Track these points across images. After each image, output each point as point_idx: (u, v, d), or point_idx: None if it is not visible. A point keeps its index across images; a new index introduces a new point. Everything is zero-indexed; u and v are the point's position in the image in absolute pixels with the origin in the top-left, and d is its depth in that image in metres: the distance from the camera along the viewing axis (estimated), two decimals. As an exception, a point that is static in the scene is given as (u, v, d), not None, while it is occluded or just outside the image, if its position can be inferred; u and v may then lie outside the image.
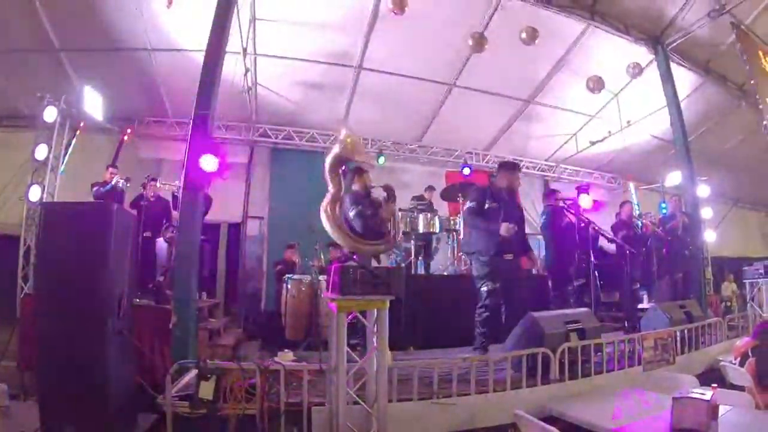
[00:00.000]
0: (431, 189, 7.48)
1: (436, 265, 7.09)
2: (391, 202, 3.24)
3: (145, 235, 5.74)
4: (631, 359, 3.92)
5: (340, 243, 2.92)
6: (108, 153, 6.88)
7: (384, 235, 2.98)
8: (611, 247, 5.98)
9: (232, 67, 5.92)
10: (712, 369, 4.27)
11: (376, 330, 2.65)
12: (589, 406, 3.02)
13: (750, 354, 3.39)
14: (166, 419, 2.64)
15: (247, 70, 6.60)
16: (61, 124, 5.85)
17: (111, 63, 6.66)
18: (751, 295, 7.38)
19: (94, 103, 6.06)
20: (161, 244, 6.08)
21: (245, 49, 6.25)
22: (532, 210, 9.27)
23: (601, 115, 8.84)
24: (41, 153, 5.63)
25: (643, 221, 6.69)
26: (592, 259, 5.03)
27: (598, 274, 5.17)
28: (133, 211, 5.68)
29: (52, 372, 2.58)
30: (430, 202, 7.17)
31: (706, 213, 7.26)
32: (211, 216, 6.05)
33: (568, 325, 3.68)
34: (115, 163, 6.40)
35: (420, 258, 6.60)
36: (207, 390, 2.67)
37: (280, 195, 8.42)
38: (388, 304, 2.63)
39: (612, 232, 5.92)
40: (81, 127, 6.36)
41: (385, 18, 6.34)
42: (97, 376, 2.57)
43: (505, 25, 6.47)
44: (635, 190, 10.40)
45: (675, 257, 6.54)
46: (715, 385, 2.45)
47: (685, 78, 7.76)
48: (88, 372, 2.56)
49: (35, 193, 5.54)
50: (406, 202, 6.64)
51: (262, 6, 6.20)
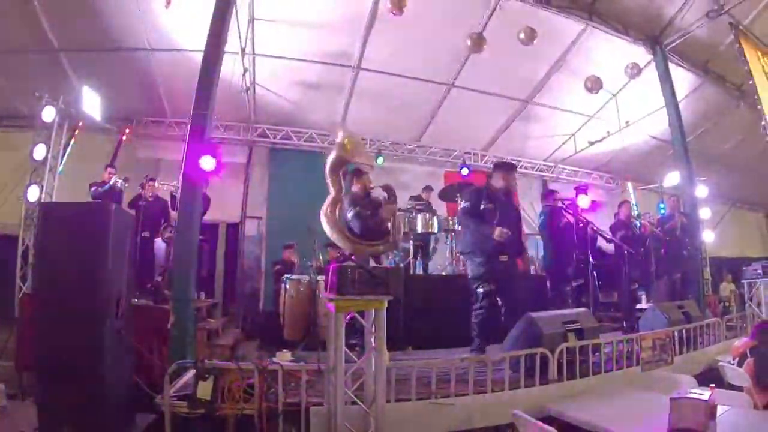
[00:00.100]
0: (429, 189, 7.49)
1: (434, 266, 7.08)
2: (391, 202, 3.24)
3: (143, 235, 5.76)
4: (629, 359, 3.90)
5: (339, 245, 2.91)
6: (106, 153, 6.90)
7: (384, 235, 2.96)
8: (610, 247, 5.97)
9: (230, 67, 5.93)
10: (710, 369, 4.25)
11: (374, 330, 2.65)
12: (587, 406, 3.02)
13: (748, 354, 3.39)
14: (165, 419, 2.63)
15: (245, 70, 6.60)
16: (59, 124, 5.82)
17: (109, 63, 6.65)
18: (749, 295, 7.39)
19: (92, 103, 6.06)
20: (160, 244, 6.10)
21: (244, 49, 6.26)
22: (531, 210, 9.30)
23: (600, 115, 8.86)
24: (39, 153, 5.60)
25: (642, 221, 6.67)
26: (591, 259, 5.02)
27: (596, 274, 5.18)
28: (132, 211, 5.68)
29: (51, 372, 2.58)
30: (428, 202, 7.18)
31: (705, 213, 7.26)
32: (210, 216, 6.06)
33: (567, 326, 3.66)
34: (114, 163, 6.42)
35: (418, 258, 6.59)
36: (205, 390, 2.67)
37: (279, 195, 8.41)
38: (387, 304, 2.62)
39: (610, 233, 5.91)
40: (79, 127, 6.34)
41: (383, 18, 6.33)
42: (95, 376, 2.57)
43: (503, 25, 6.47)
44: (634, 191, 10.38)
45: (673, 257, 6.53)
46: (714, 385, 2.44)
47: (683, 78, 7.78)
48: (86, 372, 2.55)
49: (33, 193, 5.52)
50: (403, 203, 6.63)
51: (260, 6, 6.20)
